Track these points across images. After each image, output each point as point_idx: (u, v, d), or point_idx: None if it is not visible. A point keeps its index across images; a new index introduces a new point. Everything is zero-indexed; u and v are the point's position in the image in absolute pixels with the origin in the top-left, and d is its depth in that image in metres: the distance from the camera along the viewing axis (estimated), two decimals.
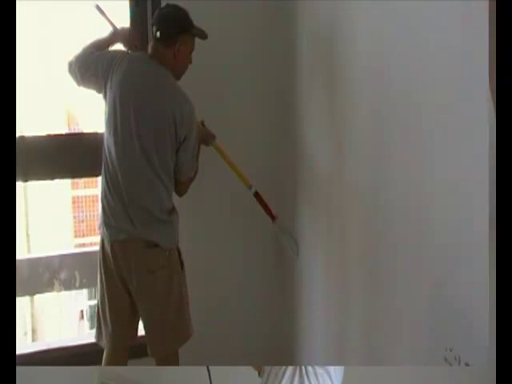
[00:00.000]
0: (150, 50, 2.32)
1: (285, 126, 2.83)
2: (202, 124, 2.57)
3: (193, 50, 2.34)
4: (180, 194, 2.44)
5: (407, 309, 1.76)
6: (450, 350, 1.49)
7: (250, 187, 2.68)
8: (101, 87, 2.30)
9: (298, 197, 2.79)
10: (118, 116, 2.23)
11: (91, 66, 2.30)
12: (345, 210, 2.24)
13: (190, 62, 2.37)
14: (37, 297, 8.73)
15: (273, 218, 2.73)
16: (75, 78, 2.37)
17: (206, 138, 2.57)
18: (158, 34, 2.26)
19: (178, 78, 2.34)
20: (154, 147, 2.23)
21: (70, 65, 2.37)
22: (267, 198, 2.72)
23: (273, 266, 2.98)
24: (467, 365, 1.40)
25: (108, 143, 2.27)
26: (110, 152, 2.26)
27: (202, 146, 2.53)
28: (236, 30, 2.76)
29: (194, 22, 2.31)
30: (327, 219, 2.46)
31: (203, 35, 2.32)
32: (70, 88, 2.49)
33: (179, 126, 2.23)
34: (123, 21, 2.61)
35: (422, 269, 1.65)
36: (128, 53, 2.41)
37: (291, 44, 2.71)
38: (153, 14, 2.57)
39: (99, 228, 2.35)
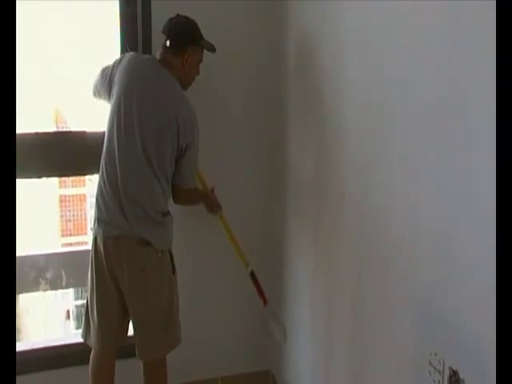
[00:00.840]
0: (159, 56, 2.33)
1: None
2: (212, 191, 2.57)
3: (201, 61, 2.37)
4: (177, 201, 2.42)
5: (393, 312, 1.75)
6: (435, 354, 1.48)
7: (247, 265, 2.65)
8: (109, 85, 2.33)
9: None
10: (121, 111, 2.24)
11: (104, 75, 2.38)
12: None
13: (198, 74, 2.39)
14: (22, 296, 8.67)
15: (265, 302, 2.68)
16: (103, 98, 2.41)
17: (213, 207, 2.58)
18: (168, 42, 2.29)
19: (185, 87, 2.36)
20: (154, 148, 2.23)
21: (95, 89, 2.45)
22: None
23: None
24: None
25: (109, 137, 2.27)
26: (110, 146, 2.26)
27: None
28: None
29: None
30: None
31: (212, 48, 2.35)
32: (58, 86, 2.49)
33: (182, 131, 2.24)
34: (114, 20, 2.60)
35: (412, 274, 1.63)
36: (137, 54, 2.45)
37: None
38: (143, 12, 2.60)
39: (92, 226, 2.34)
